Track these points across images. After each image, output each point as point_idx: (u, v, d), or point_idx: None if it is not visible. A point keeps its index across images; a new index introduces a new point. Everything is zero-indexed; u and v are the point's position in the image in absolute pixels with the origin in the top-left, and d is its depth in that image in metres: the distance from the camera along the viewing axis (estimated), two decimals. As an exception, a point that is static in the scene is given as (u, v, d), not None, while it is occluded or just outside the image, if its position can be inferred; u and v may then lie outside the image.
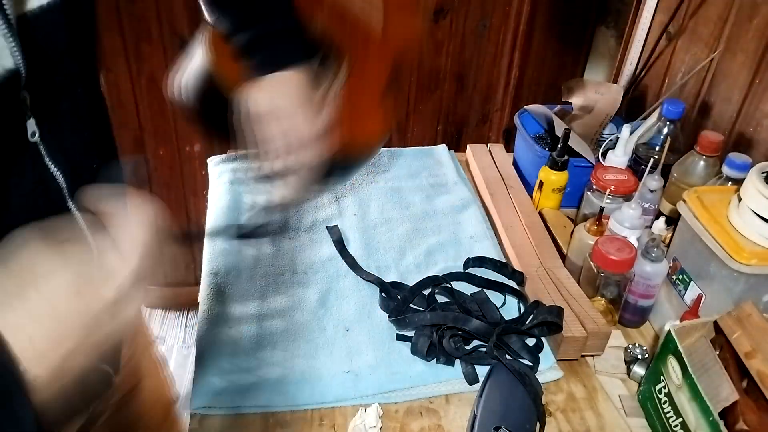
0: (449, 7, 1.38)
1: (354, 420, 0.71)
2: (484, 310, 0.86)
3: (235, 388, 0.73)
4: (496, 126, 1.59)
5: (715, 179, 0.88)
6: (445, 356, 0.79)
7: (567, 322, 0.81)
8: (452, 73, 1.48)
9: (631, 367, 0.80)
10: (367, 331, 0.83)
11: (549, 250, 0.95)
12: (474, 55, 1.46)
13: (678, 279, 0.83)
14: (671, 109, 0.97)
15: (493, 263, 0.95)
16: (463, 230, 1.02)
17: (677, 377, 0.68)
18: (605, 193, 0.92)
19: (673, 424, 0.69)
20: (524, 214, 1.02)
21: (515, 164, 1.18)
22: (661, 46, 1.19)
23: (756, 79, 0.96)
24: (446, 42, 1.43)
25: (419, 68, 1.45)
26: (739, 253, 0.72)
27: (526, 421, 0.68)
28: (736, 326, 0.69)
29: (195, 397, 0.72)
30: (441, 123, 1.56)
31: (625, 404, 0.77)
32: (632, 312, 0.87)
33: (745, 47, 0.98)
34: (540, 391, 0.73)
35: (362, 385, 0.75)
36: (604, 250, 0.81)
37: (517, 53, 1.46)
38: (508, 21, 1.42)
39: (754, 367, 0.65)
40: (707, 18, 1.07)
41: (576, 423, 0.74)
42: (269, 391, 0.74)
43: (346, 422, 0.72)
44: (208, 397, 0.72)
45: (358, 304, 0.87)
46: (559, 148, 1.01)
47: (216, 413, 0.72)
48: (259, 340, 0.80)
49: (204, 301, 0.85)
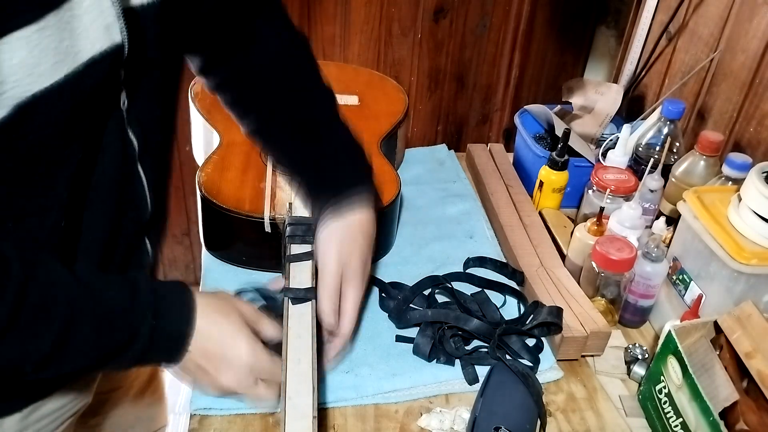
0: (449, 7, 1.38)
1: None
2: (485, 310, 0.86)
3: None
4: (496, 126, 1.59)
5: (715, 179, 0.88)
6: (445, 356, 0.79)
7: (567, 322, 0.81)
8: (452, 73, 1.48)
9: (631, 367, 0.80)
10: (367, 331, 0.83)
11: (549, 250, 0.95)
12: (474, 55, 1.46)
13: (678, 279, 0.83)
14: (671, 109, 0.97)
15: (493, 263, 0.95)
16: (463, 230, 1.02)
17: (677, 377, 0.68)
18: (605, 193, 0.91)
19: (673, 424, 0.69)
20: (524, 214, 1.02)
21: (515, 164, 1.18)
22: (661, 46, 1.19)
23: (756, 79, 0.96)
24: (446, 42, 1.42)
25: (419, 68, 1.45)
26: (739, 253, 0.72)
27: (526, 422, 0.68)
28: (736, 326, 0.69)
29: (195, 397, 0.72)
30: (441, 123, 1.56)
31: (625, 404, 0.77)
32: (632, 312, 0.87)
33: (745, 47, 0.98)
34: (541, 391, 0.73)
35: (362, 386, 0.75)
36: (604, 250, 0.81)
37: (517, 53, 1.46)
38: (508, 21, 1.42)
39: (754, 367, 0.65)
40: (707, 18, 1.07)
41: (576, 423, 0.74)
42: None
43: (346, 422, 0.72)
44: (208, 398, 0.72)
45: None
46: (559, 148, 1.01)
47: (216, 413, 0.72)
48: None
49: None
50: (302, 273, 0.73)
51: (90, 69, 0.49)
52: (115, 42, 0.51)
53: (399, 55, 1.42)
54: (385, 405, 0.74)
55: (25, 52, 0.44)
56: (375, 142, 1.02)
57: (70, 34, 0.47)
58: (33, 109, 0.46)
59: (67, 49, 0.47)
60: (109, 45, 0.50)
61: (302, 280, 0.72)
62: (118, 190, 0.60)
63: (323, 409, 0.73)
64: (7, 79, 0.44)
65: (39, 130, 0.48)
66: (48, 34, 0.45)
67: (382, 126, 1.06)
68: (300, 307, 0.69)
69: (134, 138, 0.60)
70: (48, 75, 0.46)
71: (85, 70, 0.48)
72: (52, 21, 0.45)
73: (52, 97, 0.46)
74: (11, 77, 0.44)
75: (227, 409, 0.72)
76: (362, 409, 0.74)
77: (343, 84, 1.17)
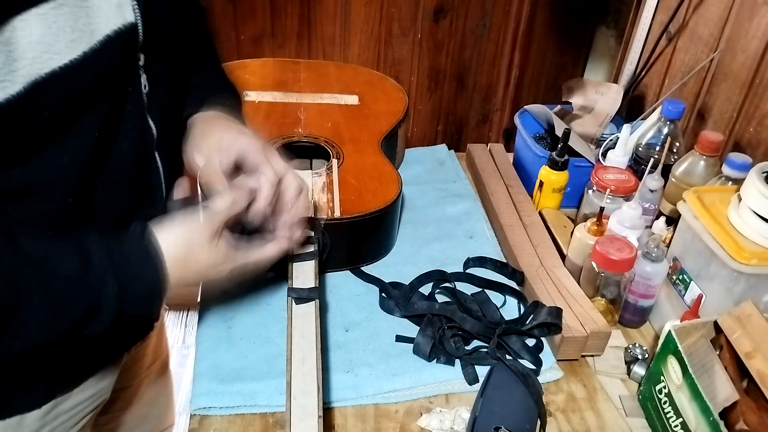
0: (449, 6, 1.38)
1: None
2: (485, 310, 0.86)
3: (235, 389, 0.73)
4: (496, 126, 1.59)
5: (715, 179, 0.88)
6: (445, 356, 0.79)
7: (567, 322, 0.81)
8: (452, 73, 1.48)
9: (631, 367, 0.80)
10: (367, 331, 0.83)
11: (549, 250, 0.95)
12: (474, 55, 1.46)
13: (678, 279, 0.83)
14: (671, 109, 0.97)
15: (493, 263, 0.95)
16: (463, 230, 1.02)
17: (677, 377, 0.68)
18: (605, 193, 0.91)
19: (673, 424, 0.69)
20: (524, 214, 1.02)
21: (515, 164, 1.18)
22: (661, 46, 1.19)
23: (756, 79, 0.96)
24: (446, 42, 1.42)
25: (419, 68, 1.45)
26: (739, 253, 0.72)
27: (526, 422, 0.68)
28: (736, 326, 0.69)
29: (195, 397, 0.72)
30: (441, 123, 1.56)
31: (625, 404, 0.77)
32: (632, 312, 0.87)
33: (745, 47, 0.98)
34: (541, 391, 0.73)
35: (362, 386, 0.75)
36: (604, 250, 0.81)
37: (517, 53, 1.46)
38: (508, 21, 1.42)
39: (754, 367, 0.65)
40: (707, 18, 1.07)
41: (576, 423, 0.74)
42: (269, 391, 0.74)
43: (346, 422, 0.72)
44: (208, 398, 0.72)
45: (357, 305, 0.87)
46: (559, 148, 1.01)
47: (216, 413, 0.72)
48: (259, 340, 0.80)
49: (204, 302, 0.85)
50: (305, 273, 0.73)
51: (106, 47, 0.49)
52: (128, 21, 0.52)
53: (399, 55, 1.42)
54: (385, 405, 0.74)
55: (42, 28, 0.44)
56: (376, 142, 1.02)
57: (86, 12, 0.48)
58: (49, 86, 0.46)
59: (83, 26, 0.47)
60: (123, 23, 0.51)
61: (305, 280, 0.72)
62: (136, 176, 0.60)
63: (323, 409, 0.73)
64: (25, 56, 0.44)
65: (53, 107, 0.48)
66: (64, 11, 0.46)
67: (382, 126, 1.06)
68: (303, 307, 0.69)
69: (153, 124, 0.60)
70: (65, 52, 0.46)
71: (101, 48, 0.49)
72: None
73: (69, 75, 0.47)
74: (28, 53, 0.44)
75: (227, 408, 0.72)
76: (362, 409, 0.74)
77: (343, 84, 1.18)
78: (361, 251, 0.93)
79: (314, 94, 1.14)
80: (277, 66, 1.22)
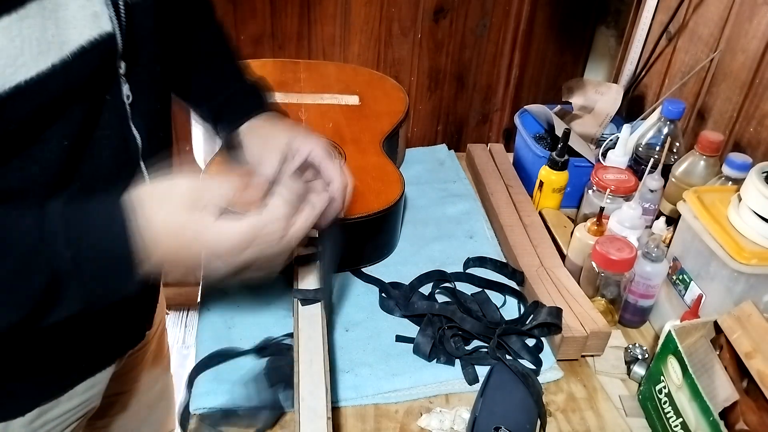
0: (449, 7, 1.38)
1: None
2: (485, 311, 0.86)
3: (235, 389, 0.73)
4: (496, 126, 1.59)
5: (715, 179, 0.88)
6: (445, 356, 0.79)
7: (567, 322, 0.81)
8: (452, 73, 1.48)
9: (631, 367, 0.80)
10: (367, 331, 0.83)
11: (549, 250, 0.95)
12: (474, 55, 1.46)
13: (678, 279, 0.83)
14: (671, 109, 0.97)
15: (493, 263, 0.95)
16: (463, 230, 1.02)
17: (677, 377, 0.68)
18: (605, 193, 0.92)
19: (673, 424, 0.69)
20: (524, 214, 1.02)
21: (515, 164, 1.18)
22: (661, 46, 1.19)
23: (756, 79, 0.96)
24: (446, 42, 1.42)
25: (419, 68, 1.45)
26: (739, 253, 0.72)
27: (526, 422, 0.68)
28: (736, 326, 0.69)
29: (194, 398, 0.72)
30: (441, 123, 1.56)
31: (625, 404, 0.77)
32: (632, 312, 0.87)
33: (745, 47, 0.98)
34: (541, 391, 0.73)
35: (362, 386, 0.75)
36: (604, 250, 0.81)
37: (517, 53, 1.46)
38: (508, 21, 1.42)
39: (754, 367, 0.65)
40: (707, 18, 1.07)
41: (576, 423, 0.74)
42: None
43: (346, 422, 0.72)
44: (208, 398, 0.72)
45: (357, 305, 0.87)
46: (559, 148, 1.01)
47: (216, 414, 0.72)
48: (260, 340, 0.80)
49: (204, 302, 0.85)
50: (310, 274, 0.73)
51: (80, 58, 0.48)
52: (105, 30, 0.50)
53: (399, 55, 1.42)
54: (385, 405, 0.74)
55: (4, 42, 0.43)
56: (377, 142, 1.02)
57: (55, 23, 0.46)
58: (14, 100, 0.45)
59: (51, 38, 0.46)
60: (99, 33, 0.49)
61: (311, 282, 0.72)
62: (121, 187, 0.55)
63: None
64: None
65: (18, 121, 0.46)
66: (29, 23, 0.44)
67: (383, 125, 1.06)
68: (310, 308, 0.68)
69: (138, 134, 0.59)
70: (31, 65, 0.45)
71: (73, 60, 0.47)
72: (34, 10, 0.44)
73: (35, 88, 0.45)
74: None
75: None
76: (362, 409, 0.74)
77: (343, 84, 1.17)
78: (364, 252, 0.93)
79: (315, 95, 1.14)
80: (277, 66, 1.22)
